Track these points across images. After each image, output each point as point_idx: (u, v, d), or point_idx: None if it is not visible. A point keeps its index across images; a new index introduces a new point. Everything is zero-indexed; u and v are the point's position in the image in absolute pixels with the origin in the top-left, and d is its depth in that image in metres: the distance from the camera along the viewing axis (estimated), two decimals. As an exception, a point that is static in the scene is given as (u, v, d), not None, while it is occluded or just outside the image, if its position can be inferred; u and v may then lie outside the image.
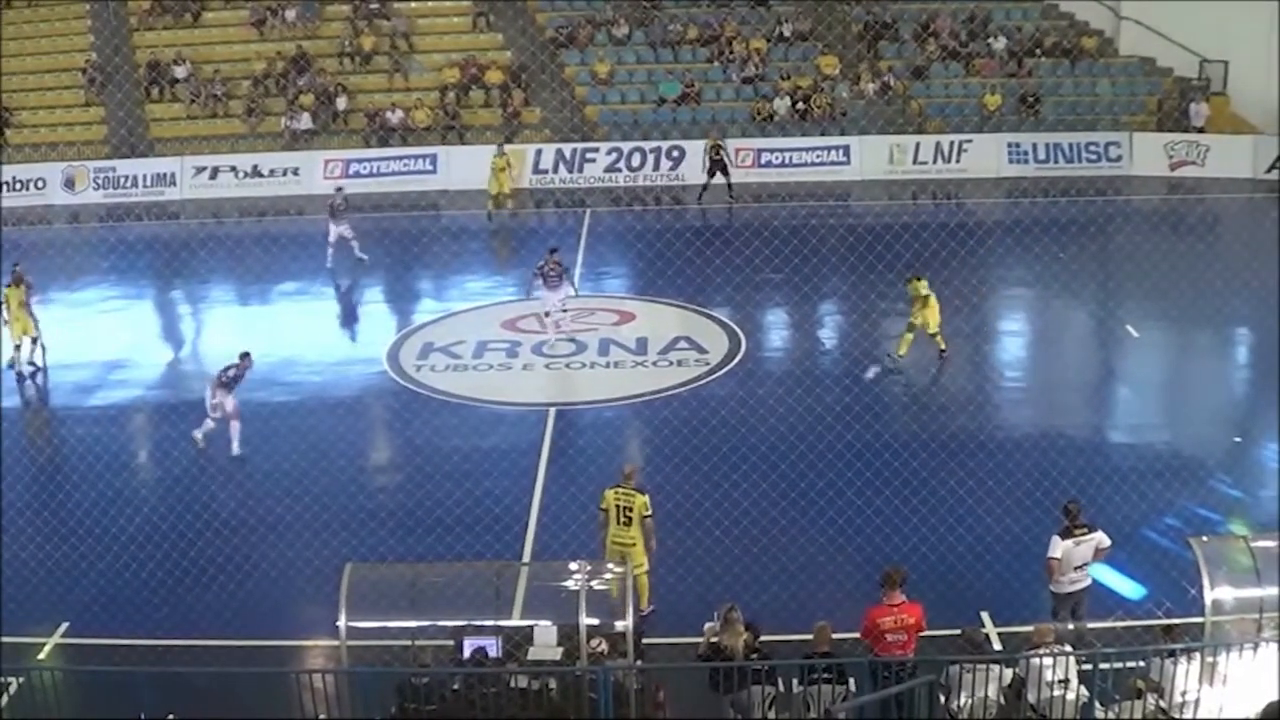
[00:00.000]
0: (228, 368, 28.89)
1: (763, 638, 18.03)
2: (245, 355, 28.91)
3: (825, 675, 17.09)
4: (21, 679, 19.34)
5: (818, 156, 51.39)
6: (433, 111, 53.09)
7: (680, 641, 19.64)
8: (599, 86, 53.58)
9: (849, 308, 36.90)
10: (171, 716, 17.42)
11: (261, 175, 52.28)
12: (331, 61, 55.62)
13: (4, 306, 33.36)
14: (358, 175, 51.57)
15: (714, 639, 17.82)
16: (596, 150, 51.39)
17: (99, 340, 36.55)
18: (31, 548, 24.71)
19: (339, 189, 43.53)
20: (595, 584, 18.07)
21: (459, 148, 52.00)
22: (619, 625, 17.68)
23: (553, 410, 30.53)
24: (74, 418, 32.42)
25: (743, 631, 17.71)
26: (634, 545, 21.14)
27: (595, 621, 17.65)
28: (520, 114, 52.91)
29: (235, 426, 28.66)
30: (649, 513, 21.36)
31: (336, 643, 18.00)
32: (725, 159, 48.53)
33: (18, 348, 33.58)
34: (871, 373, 31.98)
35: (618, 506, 21.44)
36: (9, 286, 33.29)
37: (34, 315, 33.66)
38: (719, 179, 48.41)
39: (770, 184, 49.94)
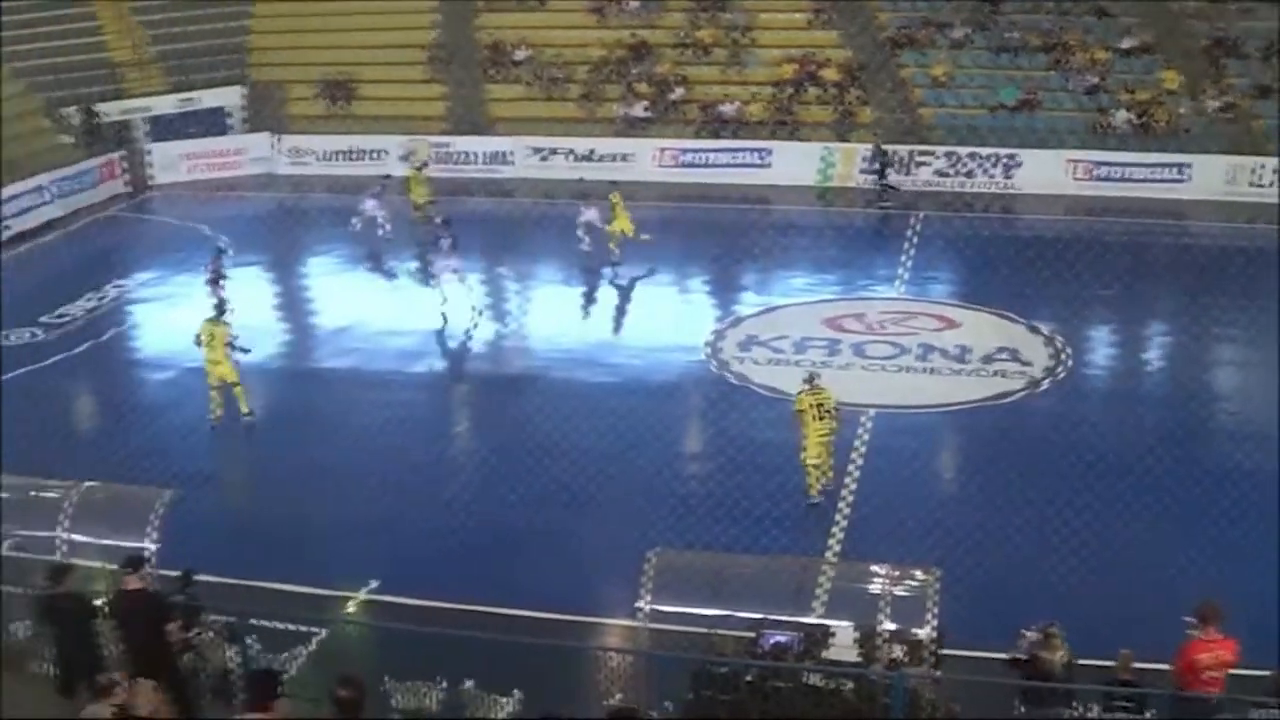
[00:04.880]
0: None
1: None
2: None
3: (1125, 704, 16.75)
4: (328, 630, 20.12)
5: (1154, 173, 49.91)
6: (767, 106, 53.26)
7: (978, 655, 19.44)
8: (936, 89, 53.05)
9: (1178, 329, 35.97)
10: (470, 683, 17.93)
11: (594, 159, 53.12)
12: (670, 51, 56.21)
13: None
14: (688, 165, 52.10)
15: (1035, 653, 17.56)
16: (930, 153, 50.86)
17: (426, 310, 37.59)
18: (350, 505, 25.71)
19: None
20: (898, 589, 17.96)
21: (791, 143, 52.05)
22: (918, 633, 17.59)
23: (870, 411, 30.41)
24: (398, 383, 33.52)
25: (1060, 649, 17.45)
26: (834, 434, 25.69)
27: (895, 627, 17.61)
28: (854, 113, 52.71)
29: None
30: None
31: (637, 624, 18.28)
32: (887, 162, 49.29)
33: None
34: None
35: (815, 404, 25.73)
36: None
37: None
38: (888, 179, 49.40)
39: (1105, 198, 48.82)
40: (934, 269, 42.11)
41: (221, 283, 37.50)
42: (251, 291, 39.97)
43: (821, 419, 25.71)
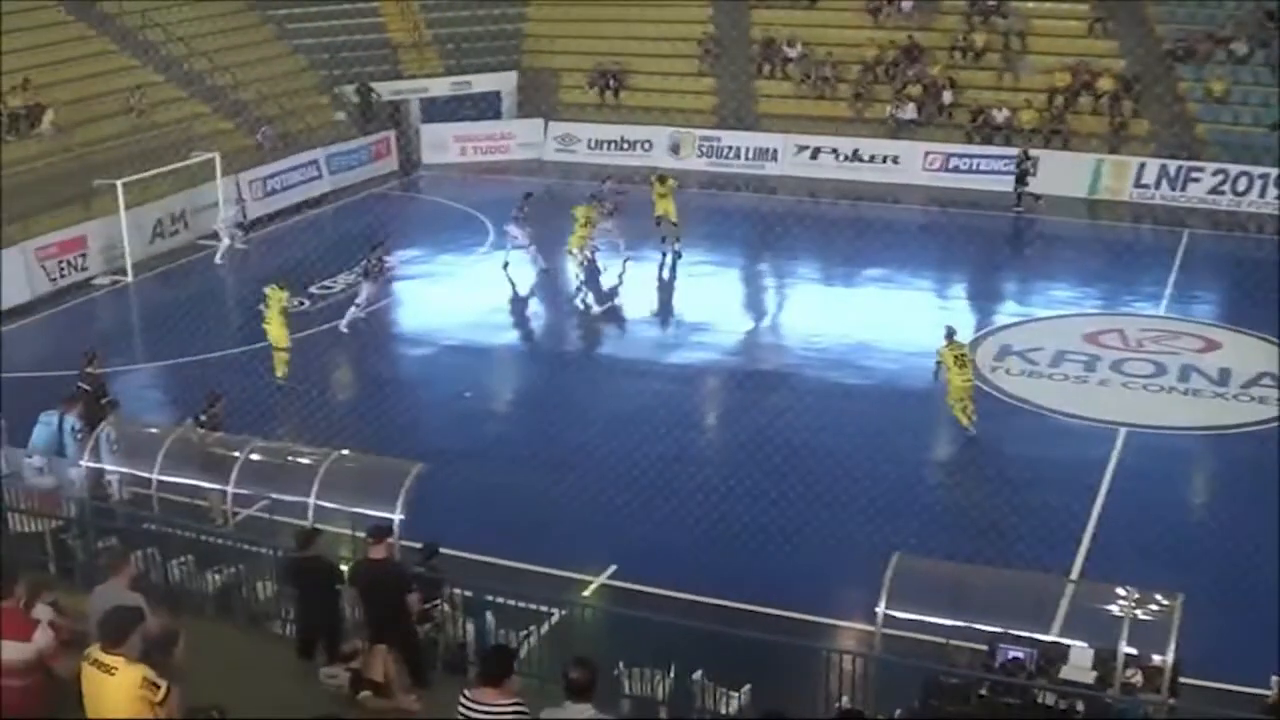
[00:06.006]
0: None
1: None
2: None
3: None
4: (564, 612, 20.44)
5: None
6: (1039, 114, 52.48)
7: (1216, 686, 19.07)
8: (1212, 104, 51.68)
9: None
10: (699, 673, 18.07)
11: (861, 160, 52.98)
12: (942, 54, 55.65)
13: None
14: (956, 170, 51.57)
15: None
16: (1202, 170, 49.54)
17: (685, 301, 37.89)
18: (594, 490, 26.07)
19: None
20: (1140, 613, 17.69)
21: (1061, 153, 51.18)
22: (1157, 659, 17.31)
23: (1123, 430, 29.88)
24: (653, 373, 33.90)
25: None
26: (970, 383, 29.42)
27: (1134, 651, 17.36)
28: (1127, 124, 51.69)
29: None
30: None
31: (872, 629, 18.30)
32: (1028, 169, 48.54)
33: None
34: None
35: (957, 356, 29.44)
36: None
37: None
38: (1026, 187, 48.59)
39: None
40: (1200, 288, 41.11)
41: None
42: (518, 274, 40.94)
43: (962, 368, 29.28)
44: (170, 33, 51.45)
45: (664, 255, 42.03)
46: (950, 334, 30.02)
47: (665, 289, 40.14)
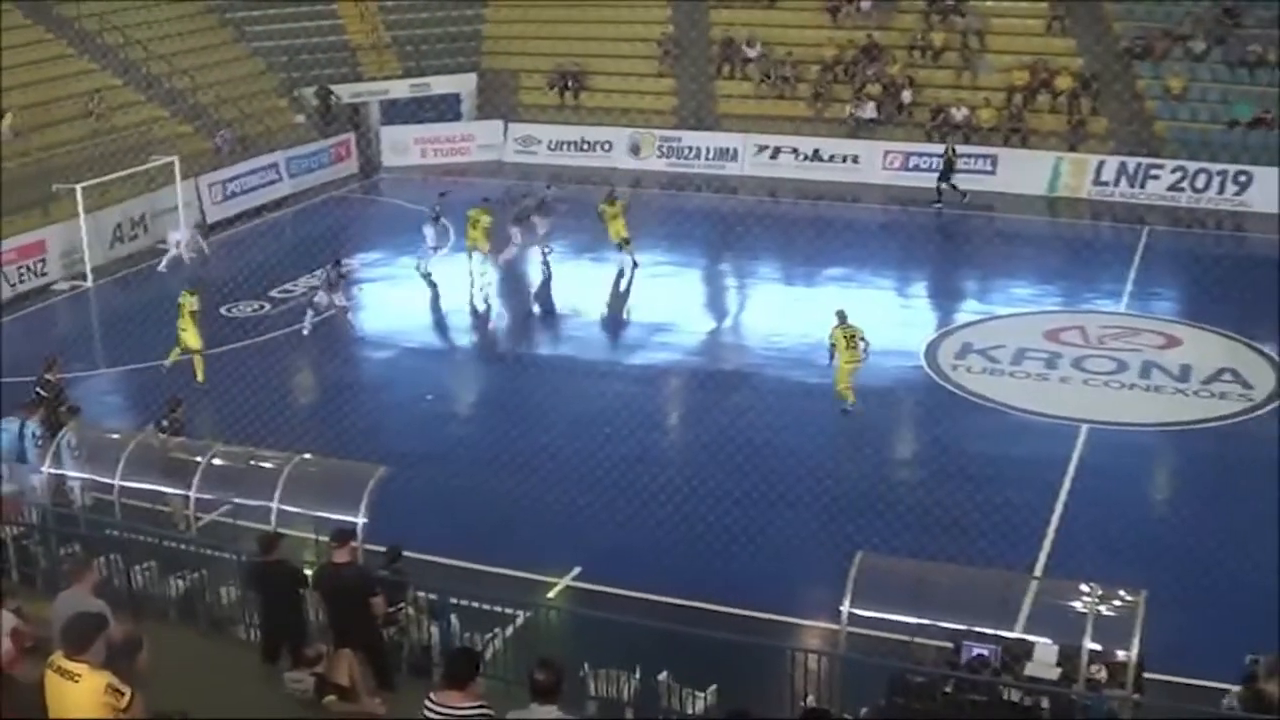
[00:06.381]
0: None
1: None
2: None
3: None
4: (529, 614, 20.43)
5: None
6: (998, 112, 52.63)
7: (1181, 681, 19.15)
8: (1170, 101, 51.91)
9: None
10: (665, 674, 18.05)
11: (821, 159, 53.08)
12: (901, 53, 55.77)
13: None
14: (916, 169, 51.59)
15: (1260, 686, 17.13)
16: (1161, 167, 49.77)
17: (646, 303, 37.89)
18: (557, 492, 26.06)
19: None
20: (1104, 609, 17.72)
21: (1020, 150, 51.42)
22: (1121, 655, 17.36)
23: (1085, 427, 29.99)
24: (614, 374, 33.94)
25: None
26: (860, 363, 30.45)
27: (1098, 647, 17.40)
28: (1086, 122, 51.88)
29: None
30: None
31: (836, 627, 18.31)
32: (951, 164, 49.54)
33: None
34: None
35: (847, 336, 30.45)
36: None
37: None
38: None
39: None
40: (1160, 285, 41.32)
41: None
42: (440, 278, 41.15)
43: (851, 349, 30.42)
44: (129, 36, 51.23)
45: (622, 271, 41.83)
46: (843, 317, 31.03)
47: (625, 291, 40.07)
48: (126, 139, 46.10)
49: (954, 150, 49.70)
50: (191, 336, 33.00)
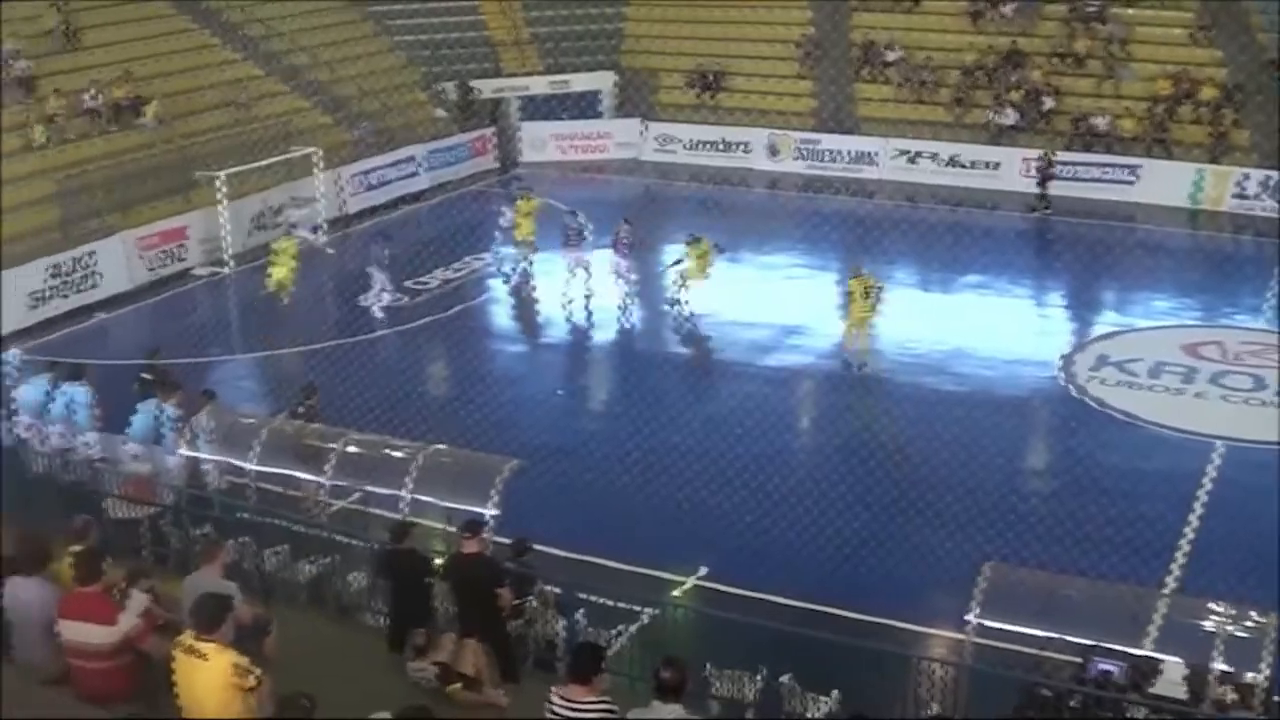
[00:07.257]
0: None
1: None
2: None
3: None
4: (655, 611, 20.45)
5: None
6: (1140, 121, 51.98)
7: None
8: (1317, 114, 51.05)
9: None
10: (788, 677, 17.99)
11: (961, 165, 52.77)
12: (1043, 60, 55.26)
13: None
14: (1057, 178, 51.06)
15: None
16: (1307, 180, 49.00)
17: (781, 304, 37.80)
18: (687, 491, 26.04)
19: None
20: (1234, 629, 17.45)
21: (1162, 161, 50.72)
22: (1251, 676, 17.08)
23: (1220, 443, 29.50)
24: (747, 374, 33.86)
25: None
26: (871, 314, 33.30)
27: (1228, 668, 17.13)
28: (1228, 134, 51.07)
29: None
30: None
31: (963, 637, 18.16)
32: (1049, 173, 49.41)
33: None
34: None
35: (866, 287, 33.12)
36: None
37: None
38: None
39: None
40: (1304, 301, 40.57)
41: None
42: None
43: (866, 299, 33.05)
44: (271, 28, 51.93)
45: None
46: (858, 269, 34.35)
47: (761, 292, 39.93)
48: (268, 129, 46.76)
49: (1051, 157, 49.36)
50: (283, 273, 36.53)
